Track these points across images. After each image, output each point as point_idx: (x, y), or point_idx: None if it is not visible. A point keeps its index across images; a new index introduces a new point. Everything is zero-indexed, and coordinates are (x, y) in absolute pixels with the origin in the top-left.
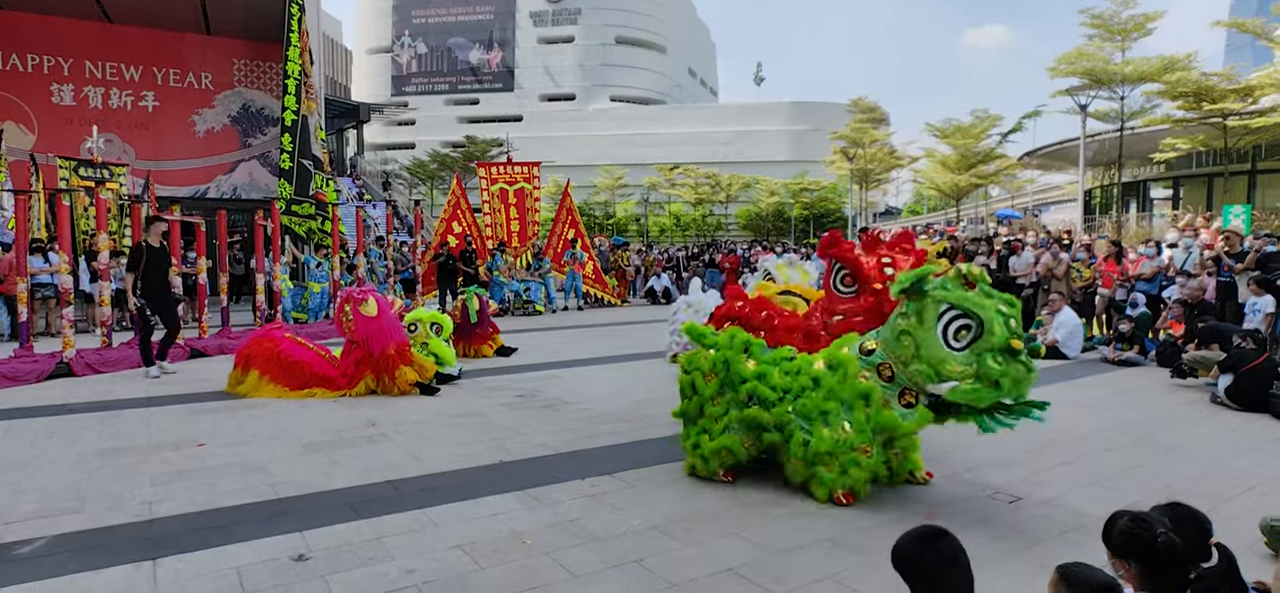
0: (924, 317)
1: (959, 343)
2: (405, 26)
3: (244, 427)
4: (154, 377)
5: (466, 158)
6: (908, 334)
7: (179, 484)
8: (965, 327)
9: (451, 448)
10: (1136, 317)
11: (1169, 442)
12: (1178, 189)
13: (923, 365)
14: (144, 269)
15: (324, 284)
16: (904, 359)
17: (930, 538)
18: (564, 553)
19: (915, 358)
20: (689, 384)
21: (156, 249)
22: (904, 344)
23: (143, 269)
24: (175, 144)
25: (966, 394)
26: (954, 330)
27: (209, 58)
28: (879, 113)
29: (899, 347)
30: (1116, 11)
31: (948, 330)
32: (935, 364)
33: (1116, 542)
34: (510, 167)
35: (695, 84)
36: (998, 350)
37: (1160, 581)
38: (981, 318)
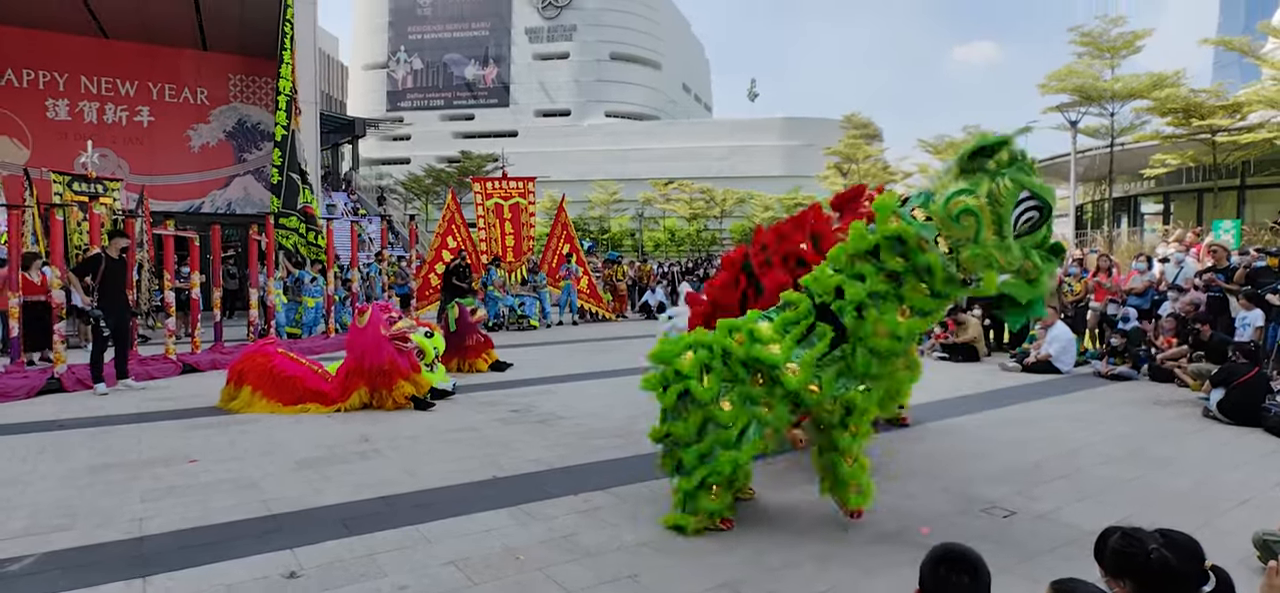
0: (1001, 198)
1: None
2: (401, 42)
3: (236, 443)
4: (102, 394)
5: (462, 173)
6: (972, 214)
7: (170, 501)
8: (1030, 218)
9: (445, 463)
10: (1129, 331)
11: (1162, 456)
12: (1168, 204)
13: (980, 250)
14: (102, 280)
15: (318, 299)
16: (959, 239)
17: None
18: (557, 569)
19: (972, 241)
20: (674, 397)
21: (115, 261)
22: (965, 225)
23: (100, 279)
24: (170, 159)
25: (1013, 288)
26: (1023, 218)
27: (205, 73)
28: (872, 129)
29: (961, 227)
30: (1106, 29)
31: (1021, 218)
32: (999, 251)
33: (1109, 560)
34: (505, 182)
35: (690, 100)
36: (1046, 246)
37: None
38: (1050, 206)
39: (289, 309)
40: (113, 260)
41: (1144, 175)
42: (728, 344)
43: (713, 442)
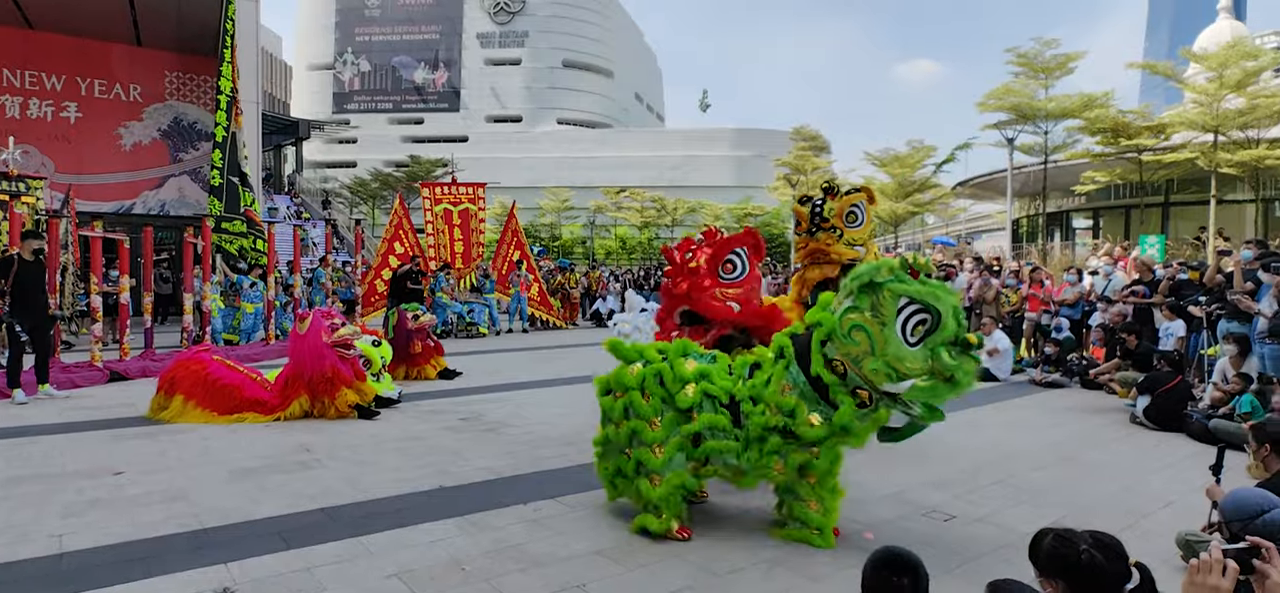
0: (882, 311)
1: (914, 338)
2: (348, 43)
3: (166, 453)
4: (21, 403)
5: (410, 177)
6: (861, 329)
7: (94, 515)
8: (922, 321)
9: (389, 473)
10: (1062, 340)
11: (1092, 461)
12: (1098, 220)
13: (878, 363)
14: (13, 284)
15: (258, 304)
16: (856, 357)
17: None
18: (504, 579)
19: (869, 354)
20: (621, 409)
21: (30, 263)
22: (857, 341)
23: (11, 283)
24: (99, 157)
25: (923, 393)
26: (912, 325)
27: (138, 69)
28: (820, 141)
29: (852, 343)
30: (1041, 51)
31: (906, 325)
32: (894, 362)
33: (1043, 560)
34: (455, 187)
35: (642, 109)
36: (952, 344)
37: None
38: (939, 310)
39: (226, 315)
40: (26, 262)
41: (1075, 192)
42: (661, 368)
43: (637, 458)
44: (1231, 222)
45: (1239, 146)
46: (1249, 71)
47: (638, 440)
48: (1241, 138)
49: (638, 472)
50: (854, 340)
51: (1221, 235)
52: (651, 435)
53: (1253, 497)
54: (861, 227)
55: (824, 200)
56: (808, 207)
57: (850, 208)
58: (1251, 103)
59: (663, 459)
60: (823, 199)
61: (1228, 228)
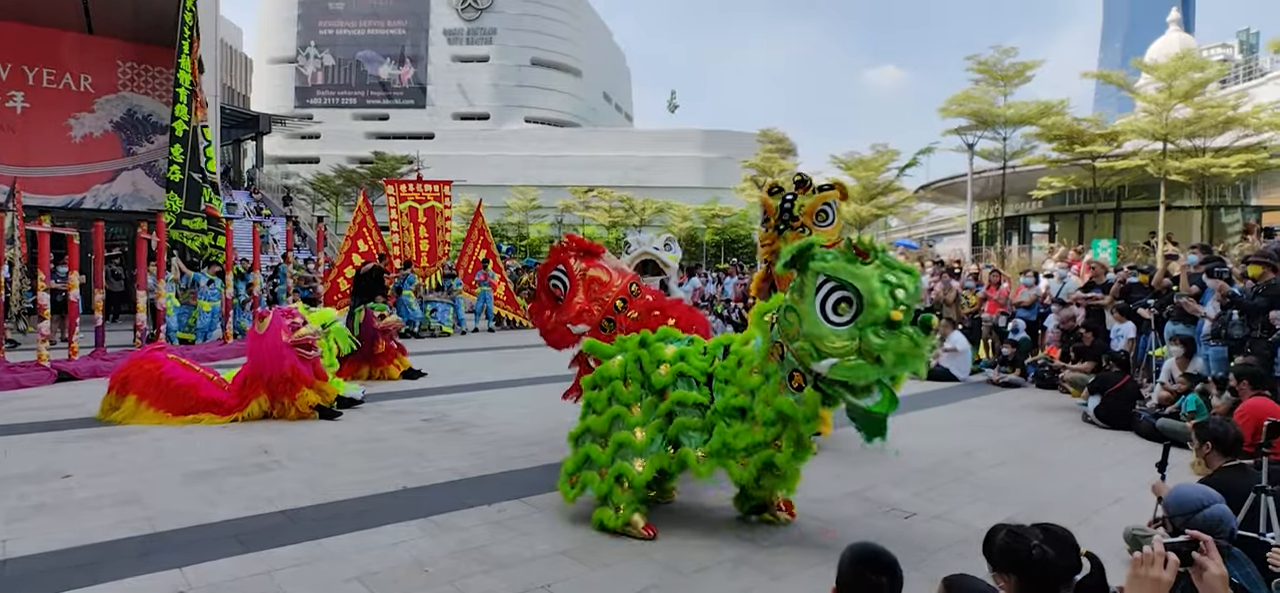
0: (805, 290)
1: (840, 318)
2: (311, 37)
3: (117, 455)
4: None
5: (375, 174)
6: (793, 310)
7: (39, 520)
8: (845, 300)
9: (351, 474)
10: (1018, 341)
11: (1046, 459)
12: (1054, 224)
13: (804, 343)
14: None
15: (215, 303)
16: (790, 337)
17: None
18: (468, 581)
19: (800, 335)
20: (605, 398)
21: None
22: (790, 321)
23: None
24: (47, 149)
25: (846, 371)
26: (833, 304)
27: (89, 58)
28: (787, 143)
29: (787, 324)
30: (1000, 59)
31: (826, 304)
32: (815, 340)
33: (996, 556)
34: (420, 185)
35: (610, 108)
36: (880, 323)
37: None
38: (859, 289)
39: (182, 313)
40: None
41: (1032, 196)
42: (641, 354)
43: (617, 441)
44: (1179, 227)
45: (1186, 154)
46: (1196, 82)
47: (619, 424)
48: (1189, 146)
49: (615, 457)
50: (789, 321)
51: (1170, 241)
52: (633, 419)
53: (1194, 493)
54: (832, 226)
55: (795, 196)
56: (778, 199)
57: (822, 206)
58: (1198, 113)
59: (644, 441)
60: (794, 195)
61: (1176, 233)
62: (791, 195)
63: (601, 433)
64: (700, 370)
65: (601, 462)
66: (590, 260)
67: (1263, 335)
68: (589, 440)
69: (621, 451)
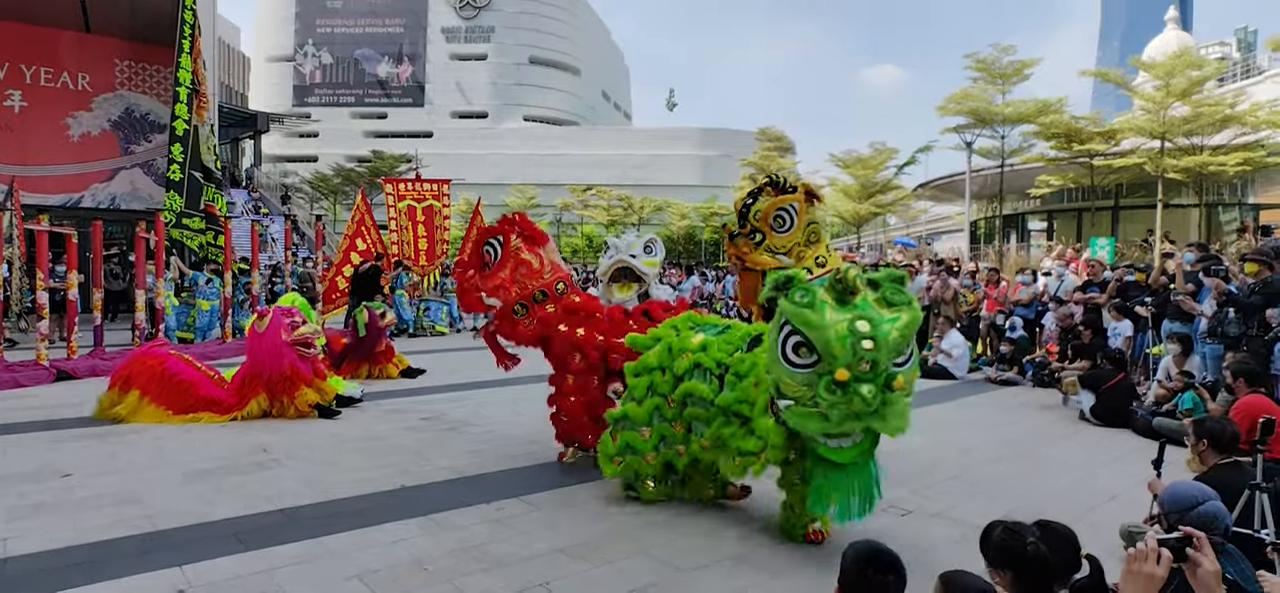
0: (775, 324)
1: (800, 360)
2: (309, 35)
3: (117, 455)
4: None
5: (373, 173)
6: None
7: (38, 519)
8: (804, 345)
9: (350, 473)
10: (1016, 339)
11: (1044, 456)
12: (1052, 222)
13: (770, 376)
14: None
15: (214, 302)
16: (768, 365)
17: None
18: (467, 580)
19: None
20: (644, 387)
21: None
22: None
23: None
24: (45, 148)
25: (794, 417)
26: (792, 346)
27: (87, 57)
28: (786, 142)
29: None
30: (998, 57)
31: (786, 344)
32: (776, 379)
33: (992, 552)
34: (419, 183)
35: (609, 107)
36: (830, 379)
37: (1030, 587)
38: (815, 343)
39: (181, 312)
40: None
41: (1030, 194)
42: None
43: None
44: (1177, 225)
45: (1184, 153)
46: (1194, 80)
47: (659, 417)
48: (1186, 144)
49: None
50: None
51: (1167, 239)
52: (671, 412)
53: (1189, 490)
54: (790, 231)
55: (753, 200)
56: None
57: (778, 211)
58: (1196, 111)
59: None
60: (752, 200)
61: (1173, 231)
62: (751, 199)
63: (642, 422)
64: (716, 361)
65: (644, 449)
66: (530, 244)
67: (1259, 334)
68: (627, 428)
69: (665, 441)
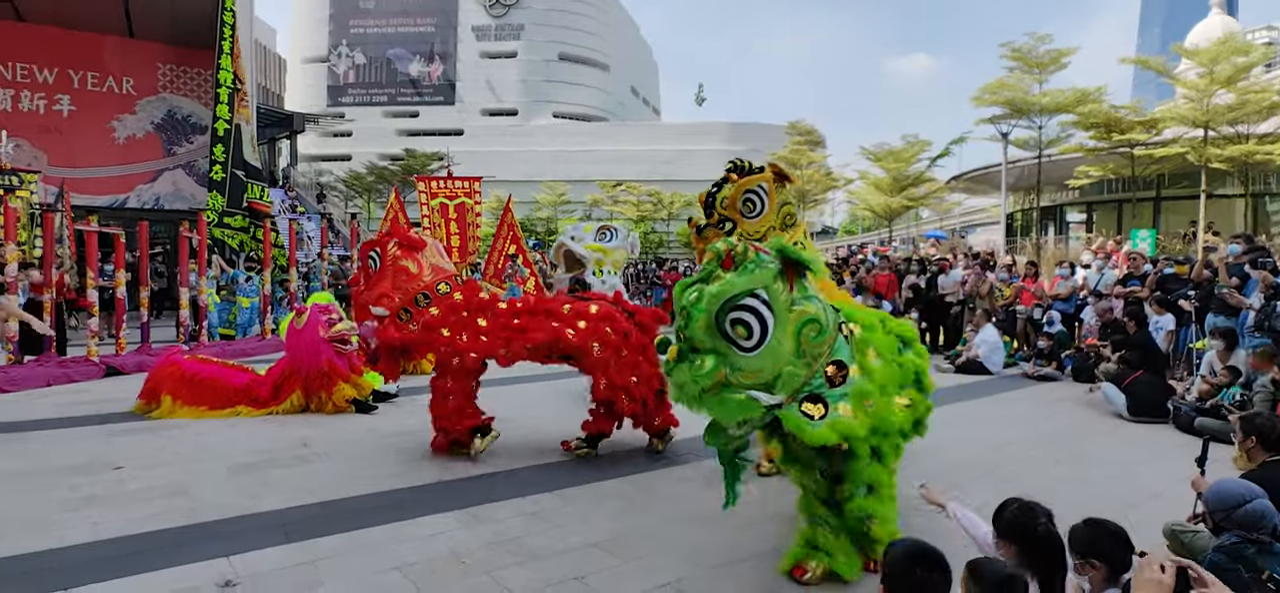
0: None
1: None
2: (342, 36)
3: (165, 448)
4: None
5: (405, 171)
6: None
7: (92, 510)
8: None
9: (388, 467)
10: (1054, 334)
11: (1082, 453)
12: (1091, 214)
13: None
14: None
15: (254, 299)
16: None
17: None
18: (504, 572)
19: None
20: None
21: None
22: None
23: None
24: (92, 151)
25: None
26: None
27: (131, 61)
28: (816, 135)
29: None
30: (1034, 46)
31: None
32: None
33: (1004, 526)
34: (450, 181)
35: (638, 102)
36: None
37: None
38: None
39: (222, 309)
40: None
41: (1069, 186)
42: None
43: None
44: (1221, 216)
45: (1229, 142)
46: (1239, 67)
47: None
48: (1231, 133)
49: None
50: None
51: (1211, 231)
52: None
53: (1235, 488)
54: (762, 216)
55: (719, 188)
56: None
57: (747, 194)
58: (1241, 98)
59: None
60: (719, 187)
61: (1217, 222)
62: (716, 188)
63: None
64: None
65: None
66: (407, 251)
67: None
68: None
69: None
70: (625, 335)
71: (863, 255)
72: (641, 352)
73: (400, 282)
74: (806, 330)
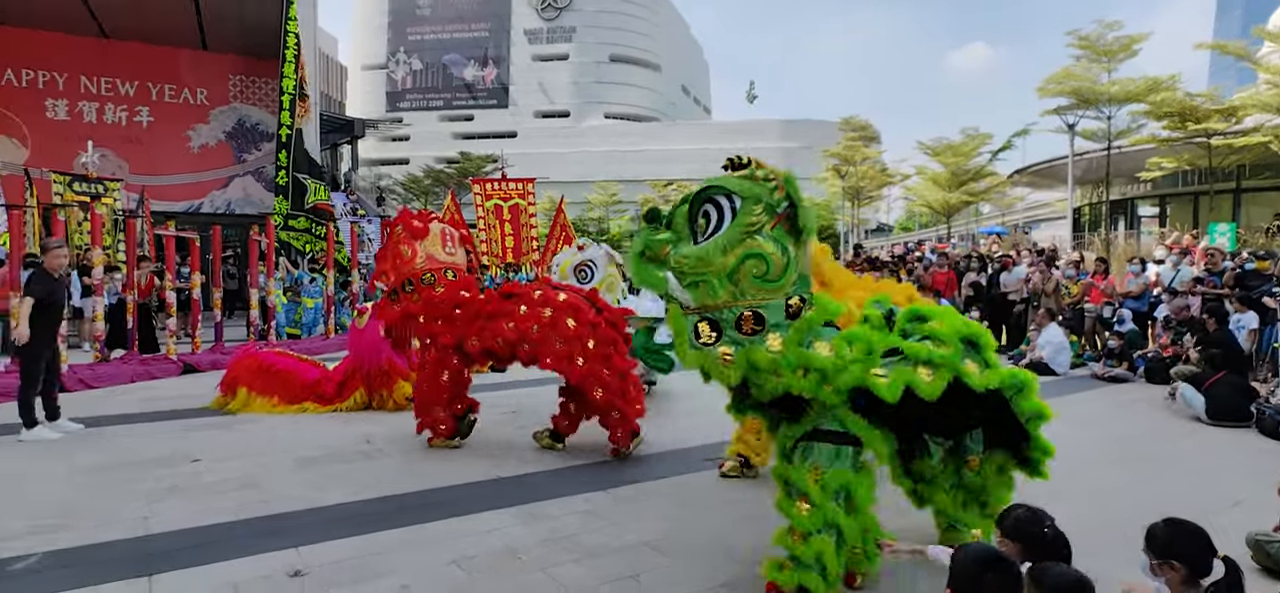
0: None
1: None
2: (400, 43)
3: (237, 443)
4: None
5: (461, 173)
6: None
7: (174, 501)
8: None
9: (446, 463)
10: (1125, 333)
11: (1156, 458)
12: (1165, 207)
13: None
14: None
15: (318, 300)
16: None
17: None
18: (559, 569)
19: None
20: None
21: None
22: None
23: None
24: (169, 159)
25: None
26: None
27: (204, 73)
28: (871, 131)
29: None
30: (1102, 33)
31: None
32: None
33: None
34: (505, 183)
35: (689, 101)
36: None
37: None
38: None
39: (289, 309)
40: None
41: (1141, 178)
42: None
43: None
44: None
45: None
46: None
47: None
48: None
49: None
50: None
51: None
52: None
53: None
54: None
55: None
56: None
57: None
58: None
59: None
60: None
61: None
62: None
63: None
64: None
65: None
66: (407, 236)
67: None
68: None
69: None
70: (593, 327)
71: (920, 252)
72: (612, 346)
73: (396, 262)
74: (749, 263)
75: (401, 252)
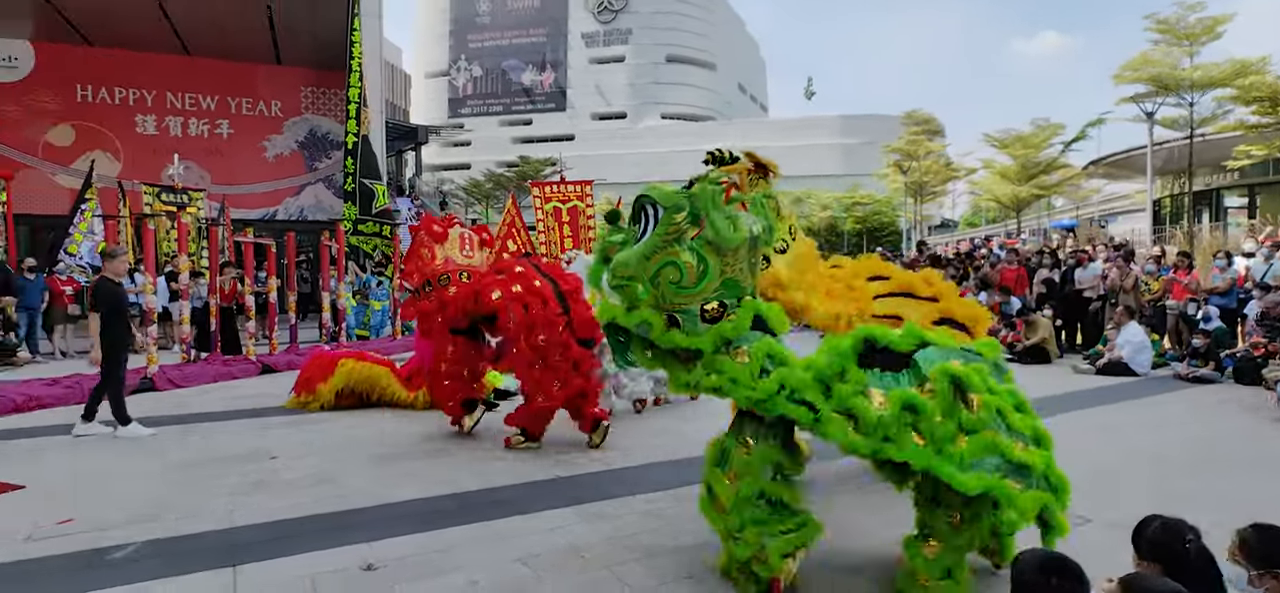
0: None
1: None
2: (462, 50)
3: (312, 441)
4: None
5: (521, 177)
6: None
7: (257, 495)
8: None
9: (510, 462)
10: (1212, 331)
11: (1244, 461)
12: (1254, 198)
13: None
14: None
15: (385, 302)
16: None
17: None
18: (622, 568)
19: None
20: None
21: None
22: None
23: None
24: (247, 169)
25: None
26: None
27: (278, 86)
28: (934, 124)
29: None
30: (1183, 16)
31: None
32: None
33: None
34: (563, 185)
35: (745, 100)
36: None
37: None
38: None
39: (358, 312)
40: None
41: (1227, 167)
42: None
43: None
44: None
45: None
46: None
47: None
48: None
49: None
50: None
51: None
52: None
53: None
54: None
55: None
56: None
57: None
58: None
59: None
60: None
61: None
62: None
63: None
64: None
65: None
66: (431, 240)
67: None
68: None
69: None
70: (544, 302)
71: (988, 248)
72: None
73: (417, 263)
74: (666, 271)
75: (423, 254)
